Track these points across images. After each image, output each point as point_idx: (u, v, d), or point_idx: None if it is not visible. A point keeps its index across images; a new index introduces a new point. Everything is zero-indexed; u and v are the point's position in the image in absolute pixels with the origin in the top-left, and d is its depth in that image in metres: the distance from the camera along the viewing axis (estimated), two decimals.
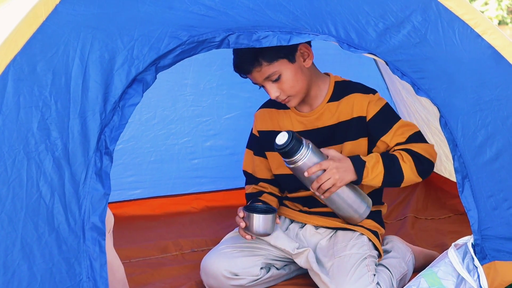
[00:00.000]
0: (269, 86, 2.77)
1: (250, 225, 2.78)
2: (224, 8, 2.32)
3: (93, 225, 2.18)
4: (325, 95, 2.91)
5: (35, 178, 2.13)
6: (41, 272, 2.13)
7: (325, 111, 2.91)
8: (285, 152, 2.68)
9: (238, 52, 2.75)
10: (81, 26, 2.19)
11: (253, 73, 2.75)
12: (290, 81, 2.77)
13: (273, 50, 2.66)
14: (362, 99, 2.87)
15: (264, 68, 2.72)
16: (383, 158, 2.76)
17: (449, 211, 3.94)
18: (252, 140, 3.11)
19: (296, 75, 2.78)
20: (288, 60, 2.75)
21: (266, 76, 2.75)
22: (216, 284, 2.88)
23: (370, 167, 2.73)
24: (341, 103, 2.89)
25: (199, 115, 4.05)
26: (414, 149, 2.79)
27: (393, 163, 2.75)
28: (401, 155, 2.78)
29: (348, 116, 2.88)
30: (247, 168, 3.13)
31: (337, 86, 2.93)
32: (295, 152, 2.67)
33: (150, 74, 2.27)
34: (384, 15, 2.43)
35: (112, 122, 2.22)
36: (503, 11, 17.16)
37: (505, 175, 2.56)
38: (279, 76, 2.75)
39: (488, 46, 2.49)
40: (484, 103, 2.51)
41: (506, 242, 2.58)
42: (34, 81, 2.14)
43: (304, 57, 2.81)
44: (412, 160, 2.77)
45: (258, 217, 2.77)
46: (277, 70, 2.73)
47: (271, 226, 2.80)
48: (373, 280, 2.72)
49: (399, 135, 2.82)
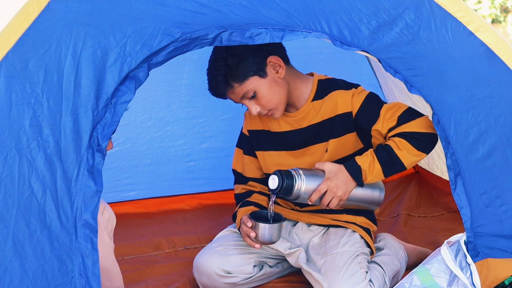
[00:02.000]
0: (248, 104, 2.77)
1: (258, 234, 2.76)
2: (217, 5, 2.31)
3: (85, 222, 2.18)
4: (309, 95, 2.90)
5: (27, 175, 2.13)
6: (33, 269, 2.13)
7: (310, 110, 2.90)
8: (282, 193, 2.68)
9: (210, 77, 2.77)
10: (73, 23, 2.18)
11: (228, 95, 2.76)
12: (266, 96, 2.75)
13: (241, 69, 2.67)
14: (344, 95, 2.85)
15: (237, 89, 2.72)
16: (378, 153, 2.72)
17: (442, 208, 3.95)
18: (242, 139, 3.11)
19: (271, 89, 2.76)
20: (259, 76, 2.73)
21: (241, 96, 2.74)
22: (209, 282, 2.88)
23: (367, 169, 2.71)
24: (324, 101, 2.88)
25: (195, 116, 4.03)
26: (407, 130, 2.71)
27: (389, 155, 2.71)
28: (395, 143, 2.71)
29: (332, 114, 2.87)
30: (236, 167, 3.13)
31: (320, 84, 2.91)
32: (291, 189, 2.67)
33: (142, 71, 2.27)
34: (377, 12, 2.43)
35: (105, 119, 2.21)
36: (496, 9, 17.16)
37: (497, 173, 2.56)
38: (255, 93, 2.74)
39: (481, 43, 2.49)
40: (476, 101, 2.52)
41: (499, 240, 2.58)
42: (26, 78, 2.14)
43: (276, 68, 2.78)
44: (409, 142, 2.69)
45: (266, 227, 2.75)
46: (250, 88, 2.72)
47: (278, 234, 2.78)
48: (366, 277, 2.72)
49: (389, 119, 2.77)
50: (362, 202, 2.84)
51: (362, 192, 2.79)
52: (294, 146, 2.94)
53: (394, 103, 2.83)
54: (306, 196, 2.69)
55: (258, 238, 2.76)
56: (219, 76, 2.71)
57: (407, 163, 2.72)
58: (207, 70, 2.78)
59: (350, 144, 2.88)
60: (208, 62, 2.78)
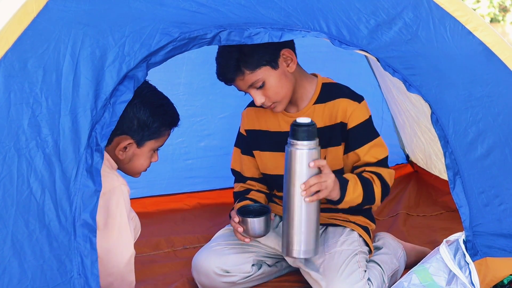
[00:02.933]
0: (254, 93, 2.75)
1: (246, 229, 2.77)
2: (215, 5, 2.32)
3: (84, 221, 2.18)
4: (312, 96, 2.90)
5: (25, 175, 2.13)
6: (32, 269, 2.13)
7: (311, 113, 2.89)
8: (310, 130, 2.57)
9: (220, 61, 2.73)
10: (72, 23, 2.18)
11: (237, 81, 2.73)
12: (275, 88, 2.74)
13: (255, 57, 2.66)
14: (348, 105, 2.85)
15: (247, 77, 2.70)
16: (360, 180, 2.77)
17: (440, 207, 3.95)
18: (239, 138, 3.11)
19: (280, 81, 2.75)
20: (271, 67, 2.72)
21: (250, 84, 2.73)
22: (207, 281, 2.88)
23: (352, 187, 2.73)
24: (327, 106, 2.87)
25: (193, 115, 4.03)
26: (382, 174, 2.81)
27: (368, 186, 2.77)
28: (373, 179, 2.79)
29: (333, 121, 2.87)
30: (235, 167, 3.13)
31: (324, 88, 2.91)
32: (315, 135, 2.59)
33: (141, 70, 2.27)
34: (376, 12, 2.43)
35: (103, 119, 2.21)
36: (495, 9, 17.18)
37: (496, 172, 2.57)
38: (263, 83, 2.72)
39: (479, 42, 2.50)
40: (475, 100, 2.52)
41: (498, 239, 2.59)
42: (25, 77, 2.14)
43: (288, 62, 2.77)
44: (381, 185, 2.80)
45: (253, 221, 2.76)
46: (260, 78, 2.71)
47: (267, 227, 2.78)
48: (364, 276, 2.73)
49: (372, 155, 2.83)
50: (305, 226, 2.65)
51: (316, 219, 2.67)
52: None
53: (383, 142, 2.89)
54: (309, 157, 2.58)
55: (247, 232, 2.77)
56: (231, 61, 2.68)
57: (376, 202, 2.82)
58: (218, 54, 2.75)
59: (340, 155, 2.90)
60: (219, 47, 2.75)
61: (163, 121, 2.56)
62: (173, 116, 2.63)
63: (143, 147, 2.55)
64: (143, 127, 2.51)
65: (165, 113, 2.58)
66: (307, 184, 2.57)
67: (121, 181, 2.46)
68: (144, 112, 2.50)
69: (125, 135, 2.50)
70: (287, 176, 2.62)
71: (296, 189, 2.59)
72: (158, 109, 2.54)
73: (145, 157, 2.59)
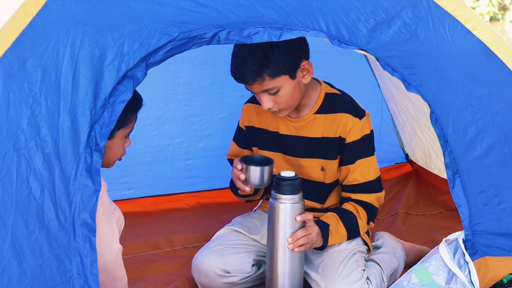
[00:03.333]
0: (264, 98, 2.74)
1: (248, 177, 2.75)
2: (214, 4, 2.31)
3: (84, 221, 2.18)
4: (314, 105, 2.90)
5: (25, 175, 2.13)
6: (32, 269, 2.13)
7: (311, 122, 2.90)
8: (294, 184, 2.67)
9: (241, 61, 2.68)
10: (71, 22, 2.18)
11: (253, 84, 2.71)
12: (287, 97, 2.74)
13: (278, 65, 2.64)
14: (349, 121, 2.86)
15: (266, 82, 2.68)
16: (342, 219, 2.82)
17: (440, 207, 3.96)
18: (238, 133, 3.10)
19: (293, 91, 2.75)
20: (290, 77, 2.71)
21: (265, 89, 2.71)
22: (208, 281, 2.88)
23: (334, 230, 2.79)
24: (328, 118, 2.88)
25: (193, 114, 4.02)
26: (368, 200, 2.87)
27: (351, 222, 2.84)
28: (357, 211, 2.85)
29: (332, 134, 2.88)
30: (231, 157, 3.13)
31: (327, 98, 2.91)
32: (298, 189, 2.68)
33: (140, 70, 2.26)
34: (375, 11, 2.43)
35: (102, 118, 2.21)
36: (494, 7, 17.16)
37: (495, 171, 2.56)
38: (278, 91, 2.72)
39: (479, 42, 2.50)
40: (474, 99, 2.52)
41: (497, 238, 2.59)
42: (24, 77, 2.13)
43: (304, 73, 2.77)
44: (366, 214, 2.86)
45: (255, 169, 2.74)
46: (278, 85, 2.70)
47: (269, 178, 2.77)
48: (363, 276, 2.73)
49: (361, 173, 2.87)
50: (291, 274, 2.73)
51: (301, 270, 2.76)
52: (289, 152, 2.96)
53: (374, 162, 2.92)
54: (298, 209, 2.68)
55: (249, 181, 2.76)
56: (254, 66, 2.64)
57: (362, 233, 2.89)
58: (238, 52, 2.69)
59: (335, 168, 2.93)
60: (239, 45, 2.69)
61: (126, 109, 2.53)
62: (135, 99, 2.56)
63: (114, 138, 2.53)
64: None
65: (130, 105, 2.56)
66: (294, 237, 2.66)
67: None
68: None
69: None
70: (271, 227, 2.71)
71: (280, 241, 2.69)
72: None
73: (117, 146, 2.57)
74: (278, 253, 2.70)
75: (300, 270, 2.74)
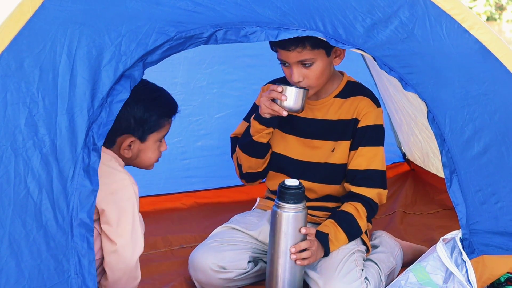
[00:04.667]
0: (296, 69, 2.78)
1: (288, 98, 2.74)
2: (211, 4, 2.32)
3: (81, 221, 2.18)
4: (334, 90, 2.96)
5: (22, 175, 2.13)
6: (29, 269, 2.13)
7: (329, 105, 2.95)
8: (298, 193, 2.67)
9: None
10: (68, 22, 2.18)
11: (293, 52, 2.74)
12: (318, 72, 2.79)
13: (318, 38, 2.64)
14: (366, 104, 2.91)
15: (306, 51, 2.73)
16: (341, 224, 2.83)
17: (437, 206, 3.96)
18: (252, 111, 3.09)
19: (325, 69, 2.81)
20: (326, 52, 2.77)
21: (302, 60, 2.75)
22: (204, 278, 2.88)
23: (333, 239, 2.80)
24: (346, 102, 2.94)
25: (190, 114, 4.03)
26: (369, 195, 2.87)
27: (351, 225, 2.85)
28: (357, 211, 2.85)
29: (349, 116, 2.92)
30: (236, 135, 3.12)
31: (348, 85, 2.98)
32: (302, 198, 2.68)
33: (137, 70, 2.27)
34: (372, 10, 2.43)
35: (100, 118, 2.21)
36: (491, 7, 17.19)
37: (492, 170, 2.57)
38: (312, 64, 2.77)
39: (475, 41, 2.50)
40: (471, 98, 2.52)
41: (494, 236, 2.59)
42: (21, 77, 2.13)
43: (337, 54, 2.85)
44: (366, 210, 2.86)
45: (295, 91, 2.74)
46: (314, 58, 2.75)
47: (303, 102, 2.76)
48: (361, 275, 2.73)
49: (365, 160, 2.89)
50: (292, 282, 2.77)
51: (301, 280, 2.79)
52: (302, 134, 2.99)
53: (382, 154, 2.93)
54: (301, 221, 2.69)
55: (286, 103, 2.74)
56: None
57: (363, 231, 2.89)
58: None
59: (347, 149, 2.93)
60: None
61: (160, 113, 2.57)
62: (169, 106, 2.64)
63: (147, 141, 2.57)
64: (141, 123, 2.52)
65: (160, 105, 2.58)
66: (298, 247, 2.68)
67: (132, 180, 2.49)
68: (138, 109, 2.51)
69: (126, 134, 2.51)
70: (273, 235, 2.72)
71: (282, 249, 2.71)
72: (152, 103, 2.55)
73: (152, 149, 2.61)
74: (279, 260, 2.72)
75: (300, 277, 2.76)
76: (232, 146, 3.13)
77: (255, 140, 2.90)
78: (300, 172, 2.97)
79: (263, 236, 2.94)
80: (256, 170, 3.03)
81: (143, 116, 2.52)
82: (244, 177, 3.09)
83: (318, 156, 2.95)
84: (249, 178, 3.08)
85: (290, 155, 2.99)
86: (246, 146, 2.96)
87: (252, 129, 2.90)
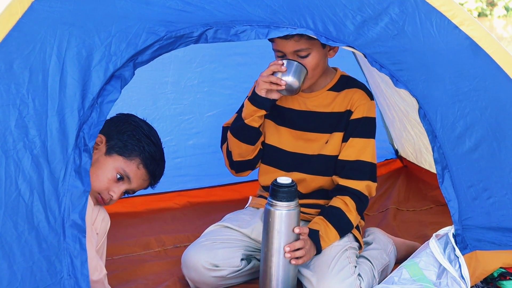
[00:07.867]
0: None
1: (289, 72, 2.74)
2: (201, 3, 2.32)
3: (73, 222, 2.18)
4: (328, 84, 2.97)
5: (13, 176, 2.12)
6: (22, 270, 2.12)
7: (323, 98, 2.96)
8: (290, 191, 2.67)
9: None
10: (57, 23, 2.18)
11: (290, 40, 2.73)
12: (313, 63, 2.80)
13: None
14: (360, 97, 2.92)
15: (302, 41, 2.73)
16: (331, 220, 2.83)
17: (430, 202, 3.97)
18: None
19: (320, 60, 2.82)
20: (321, 44, 2.77)
21: (299, 49, 2.75)
22: (197, 276, 2.87)
23: (324, 235, 2.80)
24: (340, 94, 2.95)
25: (181, 113, 4.02)
26: (357, 187, 2.87)
27: (341, 220, 2.85)
28: (346, 204, 2.85)
29: (343, 108, 2.93)
30: (228, 124, 3.09)
31: (342, 79, 2.99)
32: (295, 196, 2.68)
33: (128, 70, 2.26)
34: (362, 7, 2.43)
35: (91, 119, 2.21)
36: (482, 3, 17.23)
37: (484, 165, 2.57)
38: (308, 55, 2.77)
39: (466, 37, 2.50)
40: (462, 94, 2.52)
41: (487, 232, 2.59)
42: (11, 79, 2.13)
43: (331, 47, 2.86)
44: (355, 203, 2.86)
45: (295, 64, 2.74)
46: (310, 48, 2.76)
47: (302, 78, 2.77)
48: (354, 272, 2.73)
49: (355, 151, 2.89)
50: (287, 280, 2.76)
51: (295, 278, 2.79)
52: (295, 126, 2.99)
53: (372, 147, 2.93)
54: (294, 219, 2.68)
55: (286, 77, 2.73)
56: None
57: (354, 225, 2.89)
58: None
59: (340, 141, 2.93)
60: None
61: (138, 149, 2.57)
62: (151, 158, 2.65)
63: (109, 157, 2.56)
64: (119, 136, 2.54)
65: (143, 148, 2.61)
66: (292, 246, 2.67)
67: None
68: (127, 128, 2.54)
69: (102, 134, 2.54)
70: (266, 233, 2.71)
71: (275, 248, 2.70)
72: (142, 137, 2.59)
73: (106, 169, 2.57)
74: (273, 258, 2.71)
75: (294, 275, 2.75)
76: (222, 135, 3.11)
77: (247, 124, 2.90)
78: (293, 164, 2.98)
79: (256, 233, 2.94)
80: (246, 157, 3.01)
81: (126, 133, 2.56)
82: (233, 167, 3.07)
83: (312, 148, 2.96)
84: (239, 167, 3.06)
85: (283, 147, 2.99)
86: (238, 130, 2.94)
87: (245, 111, 2.89)
